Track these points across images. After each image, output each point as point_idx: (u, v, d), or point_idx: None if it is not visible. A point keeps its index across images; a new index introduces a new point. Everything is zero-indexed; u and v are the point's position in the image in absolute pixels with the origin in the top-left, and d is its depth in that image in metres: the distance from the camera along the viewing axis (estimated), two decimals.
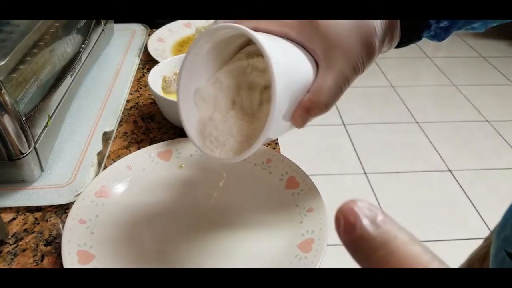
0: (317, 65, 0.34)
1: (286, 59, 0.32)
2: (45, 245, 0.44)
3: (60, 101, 0.56)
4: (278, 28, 0.33)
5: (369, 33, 0.34)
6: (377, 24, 0.34)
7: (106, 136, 0.58)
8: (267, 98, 0.35)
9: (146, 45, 0.79)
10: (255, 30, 0.32)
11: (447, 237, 1.45)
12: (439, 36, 0.39)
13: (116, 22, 0.84)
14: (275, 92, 0.29)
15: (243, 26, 0.31)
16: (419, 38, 0.38)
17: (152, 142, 0.57)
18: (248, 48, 0.37)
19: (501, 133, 1.96)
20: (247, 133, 0.34)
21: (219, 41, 0.35)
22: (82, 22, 0.67)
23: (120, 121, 0.62)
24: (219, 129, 0.35)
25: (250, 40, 0.35)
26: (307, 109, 0.33)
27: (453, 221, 1.51)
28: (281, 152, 0.53)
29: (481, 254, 0.54)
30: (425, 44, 2.71)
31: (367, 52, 0.34)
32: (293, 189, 0.48)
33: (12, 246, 0.44)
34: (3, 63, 0.46)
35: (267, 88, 0.35)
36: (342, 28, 0.33)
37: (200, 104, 0.36)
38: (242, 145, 0.34)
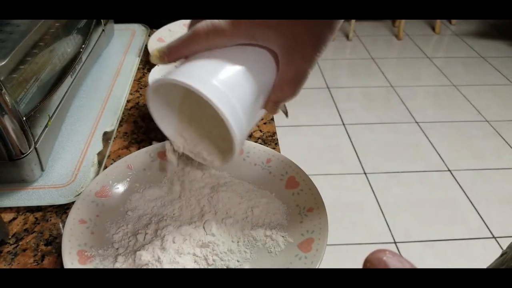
0: (276, 57, 0.35)
1: (237, 82, 0.34)
2: (46, 245, 0.44)
3: (61, 101, 0.56)
4: (230, 41, 0.34)
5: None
6: None
7: (106, 136, 0.58)
8: None
9: (146, 45, 0.79)
10: (208, 49, 0.34)
11: (447, 237, 1.45)
12: None
13: (116, 22, 0.84)
14: (233, 134, 0.32)
15: (177, 79, 0.32)
16: None
17: (152, 142, 0.57)
18: None
19: (501, 133, 1.96)
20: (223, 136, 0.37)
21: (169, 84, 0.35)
22: (82, 22, 0.67)
23: (120, 121, 0.62)
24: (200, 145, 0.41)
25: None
26: (276, 101, 0.37)
27: (453, 221, 1.51)
28: (281, 152, 0.53)
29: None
30: (425, 44, 2.71)
31: (327, 37, 0.34)
32: (293, 189, 0.48)
33: (13, 246, 0.44)
34: (3, 63, 0.46)
35: None
36: (298, 22, 0.32)
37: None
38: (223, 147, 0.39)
